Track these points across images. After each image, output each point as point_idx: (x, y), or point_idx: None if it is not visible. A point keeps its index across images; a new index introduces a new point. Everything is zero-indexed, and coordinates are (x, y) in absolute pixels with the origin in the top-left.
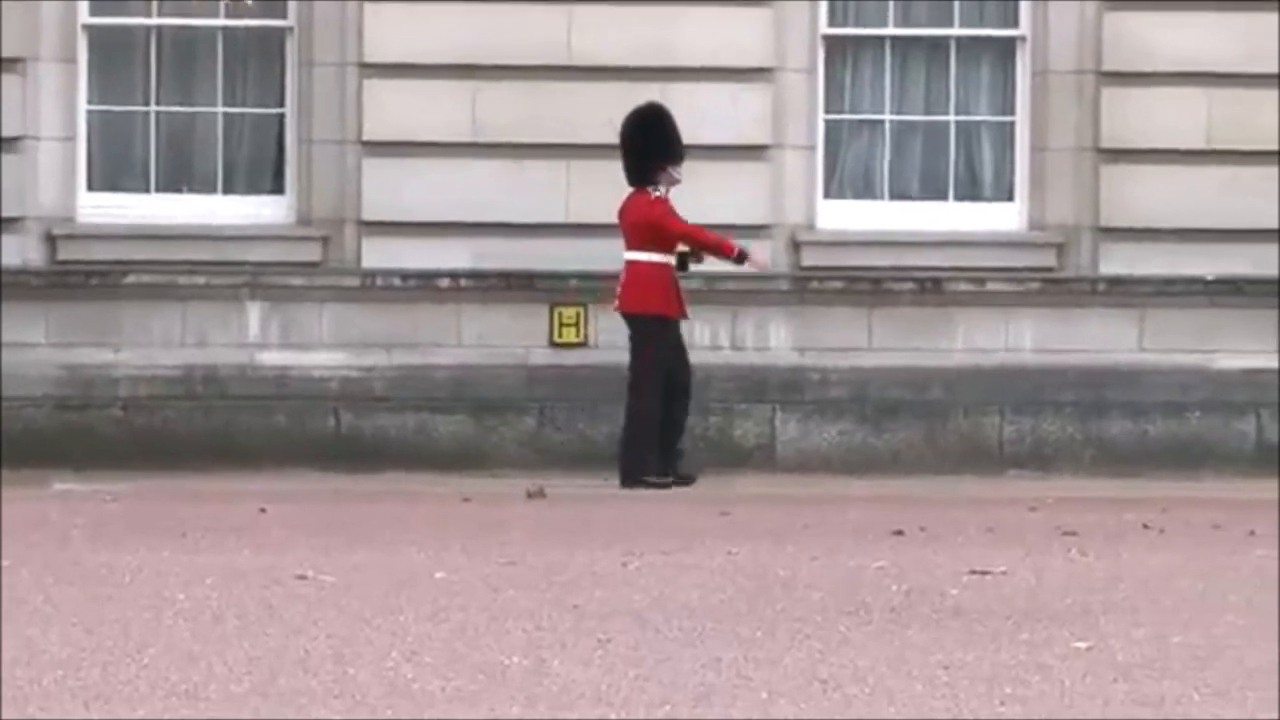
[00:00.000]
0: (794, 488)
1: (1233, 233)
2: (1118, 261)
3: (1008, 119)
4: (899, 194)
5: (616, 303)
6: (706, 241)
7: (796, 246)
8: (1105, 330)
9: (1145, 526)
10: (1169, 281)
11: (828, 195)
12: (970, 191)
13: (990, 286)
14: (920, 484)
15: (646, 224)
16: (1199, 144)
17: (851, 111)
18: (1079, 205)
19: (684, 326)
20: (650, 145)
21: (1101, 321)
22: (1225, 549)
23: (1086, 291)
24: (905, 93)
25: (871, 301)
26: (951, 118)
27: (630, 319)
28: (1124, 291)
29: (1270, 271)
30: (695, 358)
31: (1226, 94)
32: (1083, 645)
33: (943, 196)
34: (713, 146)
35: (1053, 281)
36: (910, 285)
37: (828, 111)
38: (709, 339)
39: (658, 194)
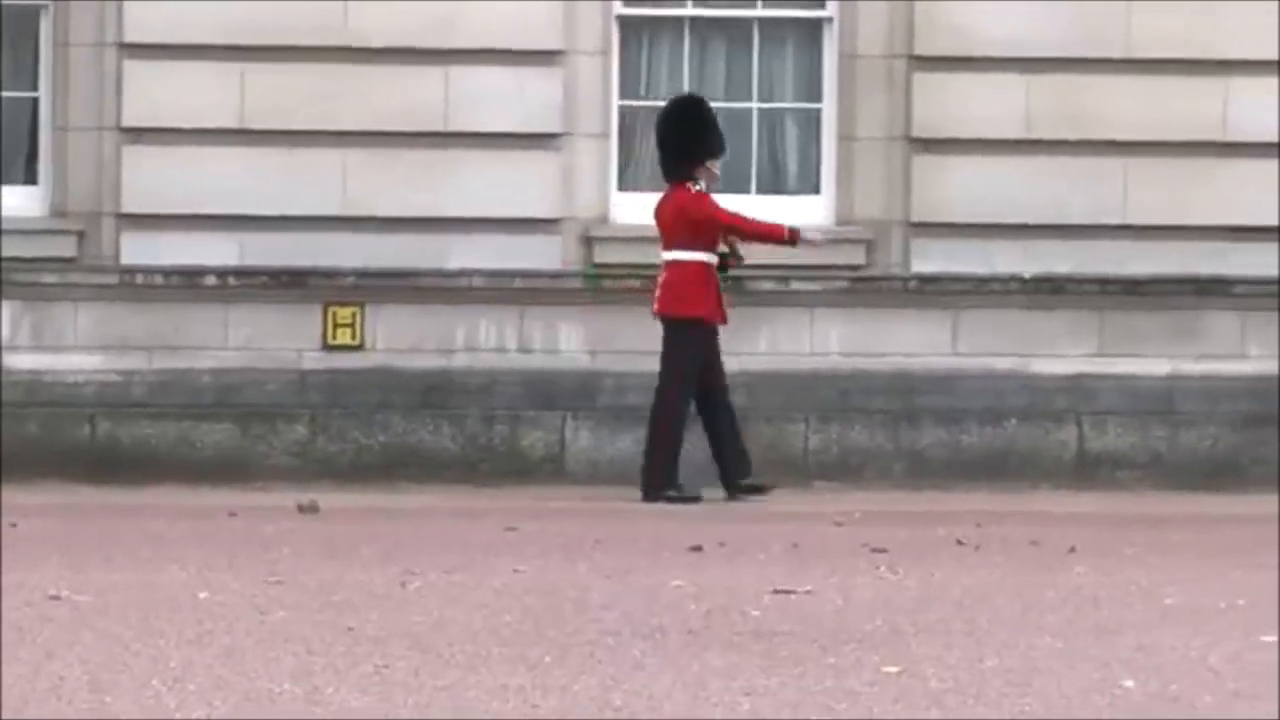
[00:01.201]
0: (586, 501)
1: (1053, 228)
2: (930, 259)
3: (814, 106)
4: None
5: (655, 305)
6: (756, 229)
7: (589, 242)
8: (917, 332)
9: (959, 542)
10: (985, 280)
11: (622, 187)
12: (774, 184)
13: (795, 286)
14: (721, 496)
15: (690, 220)
16: (1018, 133)
17: (648, 97)
18: (889, 199)
19: (461, 325)
20: (688, 139)
21: (913, 323)
22: (1043, 566)
23: (897, 291)
24: (705, 78)
25: None
26: (754, 105)
27: (668, 322)
28: (937, 291)
29: (1092, 269)
30: (478, 360)
31: (1048, 80)
32: (893, 670)
33: (745, 189)
34: (498, 135)
35: (861, 280)
36: None
37: (622, 97)
38: (495, 340)
39: (696, 188)
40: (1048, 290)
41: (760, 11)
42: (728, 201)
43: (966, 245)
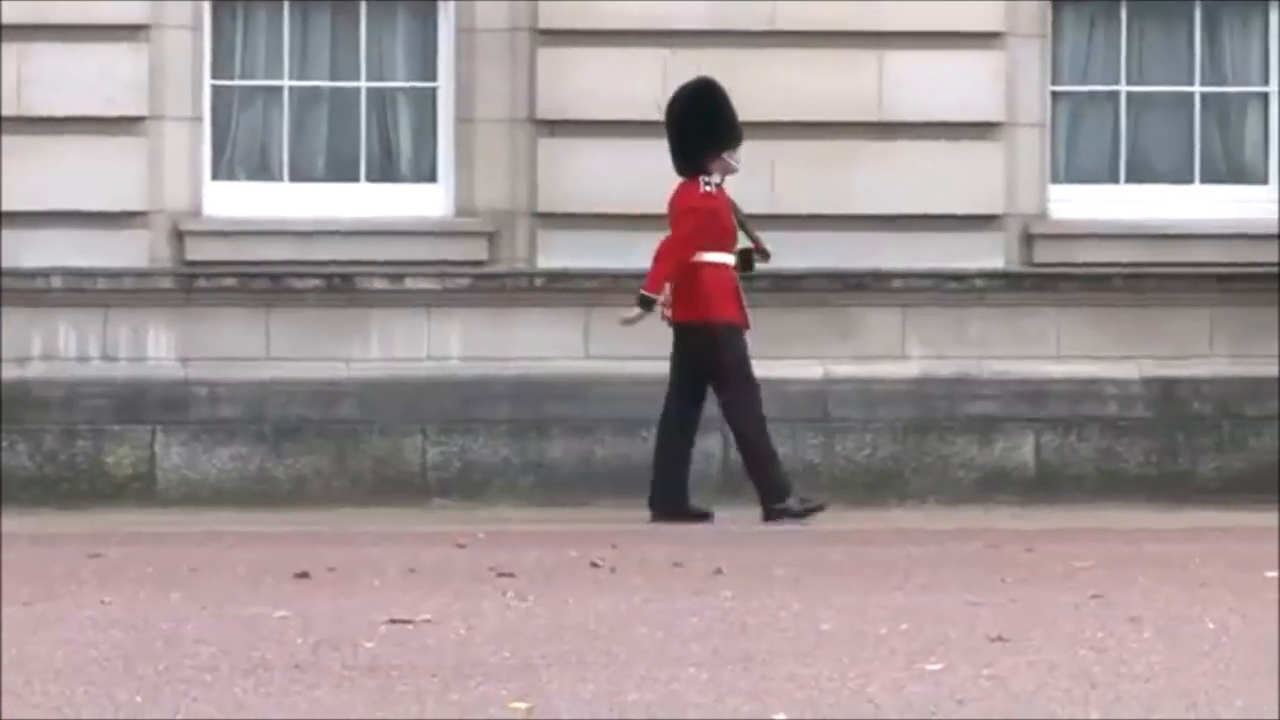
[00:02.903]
0: (179, 524)
1: None
2: (559, 253)
3: (429, 85)
4: (302, 174)
5: (668, 312)
6: (654, 269)
7: (180, 237)
8: (546, 334)
9: (594, 565)
10: (619, 276)
11: (216, 176)
12: (386, 171)
13: (410, 284)
14: (329, 517)
15: (689, 211)
16: (655, 114)
17: (243, 76)
18: (513, 187)
19: (38, 331)
20: (700, 127)
21: (541, 324)
22: (687, 590)
23: (523, 288)
24: (308, 55)
25: (270, 302)
26: (363, 84)
27: (686, 329)
28: (567, 288)
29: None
30: (58, 370)
31: (687, 55)
32: (522, 705)
33: (353, 177)
34: (76, 119)
35: (483, 277)
36: (316, 282)
37: (215, 77)
38: (75, 347)
39: (709, 187)
40: None
41: None
42: (339, 192)
43: (598, 238)
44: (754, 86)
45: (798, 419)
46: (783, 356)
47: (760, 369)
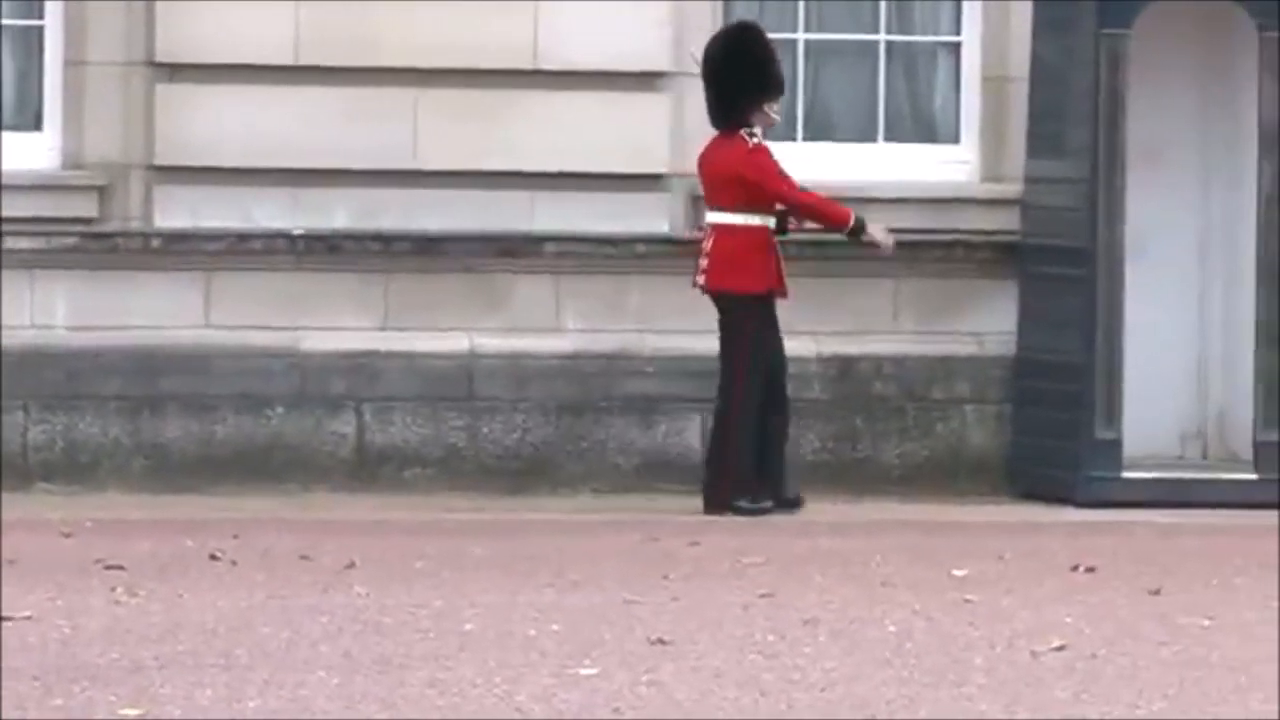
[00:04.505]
0: None
1: (328, 174)
2: (177, 211)
3: (34, 23)
4: None
5: (701, 278)
6: (815, 208)
7: None
8: (163, 301)
9: (213, 557)
10: (244, 237)
11: None
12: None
13: (11, 243)
14: None
15: (741, 178)
16: (285, 59)
17: None
18: (127, 138)
19: None
20: (741, 75)
21: (158, 289)
22: (316, 586)
23: (137, 250)
24: None
25: None
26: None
27: (721, 298)
28: (186, 249)
29: (376, 225)
30: None
31: None
32: (133, 713)
33: None
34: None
35: (93, 237)
36: None
37: None
38: None
39: (754, 140)
40: (322, 250)
41: None
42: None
43: (222, 194)
44: (395, 29)
45: (440, 398)
46: (424, 328)
47: (399, 342)
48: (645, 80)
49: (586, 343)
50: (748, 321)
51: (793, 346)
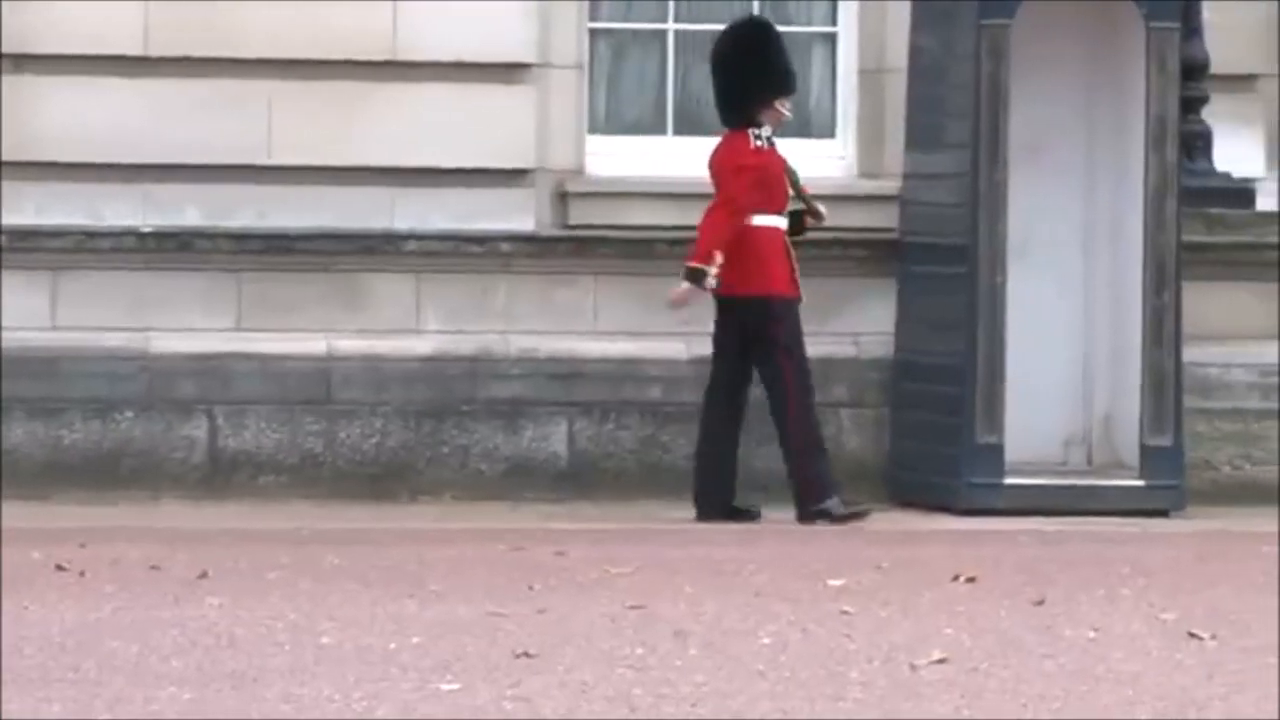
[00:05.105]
0: None
1: (179, 169)
2: (22, 208)
3: None
4: None
5: (712, 282)
6: (702, 236)
7: None
8: (7, 301)
9: (60, 568)
10: (91, 235)
11: None
12: None
13: None
14: None
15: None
16: (134, 49)
17: None
18: None
19: None
20: (751, 72)
21: (4, 289)
22: (167, 598)
23: None
24: None
25: None
26: None
27: (735, 304)
28: (30, 247)
29: (228, 222)
30: None
31: None
32: None
33: None
34: None
35: None
36: None
37: None
38: None
39: (760, 140)
40: (172, 248)
41: None
42: None
43: (69, 190)
44: (248, 19)
45: (296, 401)
46: (279, 329)
47: (253, 344)
48: (509, 72)
49: (448, 344)
50: (775, 322)
51: (661, 348)
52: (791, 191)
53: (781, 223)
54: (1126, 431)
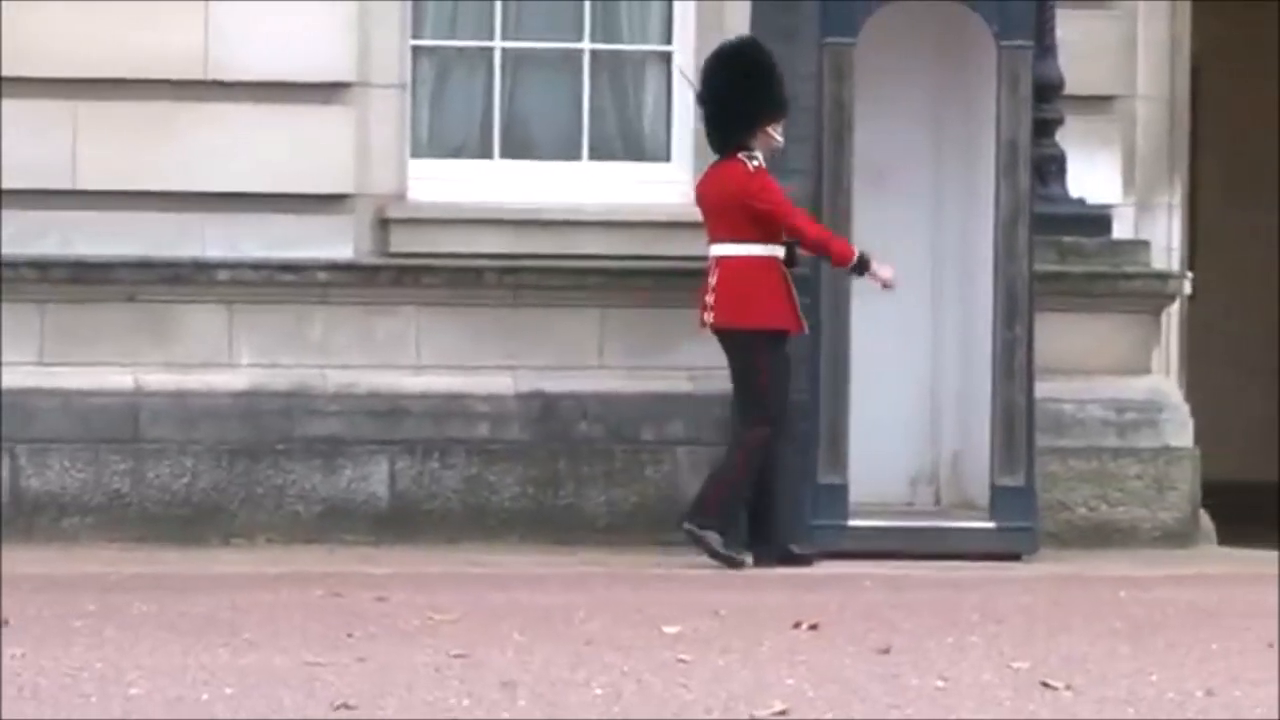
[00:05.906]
0: None
1: None
2: None
3: None
4: None
5: (708, 316)
6: (818, 241)
7: None
8: None
9: None
10: None
11: None
12: None
13: None
14: None
15: (747, 209)
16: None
17: None
18: None
19: None
20: (741, 95)
21: None
22: None
23: None
24: None
25: None
26: None
27: (732, 336)
28: None
29: (29, 250)
30: None
31: None
32: None
33: None
34: None
35: None
36: None
37: None
38: None
39: (756, 164)
40: None
41: None
42: None
43: None
44: (50, 35)
45: (101, 439)
46: (84, 363)
47: (57, 378)
48: (327, 92)
49: (263, 379)
50: (759, 358)
51: (488, 383)
52: None
53: (777, 251)
54: (976, 470)
